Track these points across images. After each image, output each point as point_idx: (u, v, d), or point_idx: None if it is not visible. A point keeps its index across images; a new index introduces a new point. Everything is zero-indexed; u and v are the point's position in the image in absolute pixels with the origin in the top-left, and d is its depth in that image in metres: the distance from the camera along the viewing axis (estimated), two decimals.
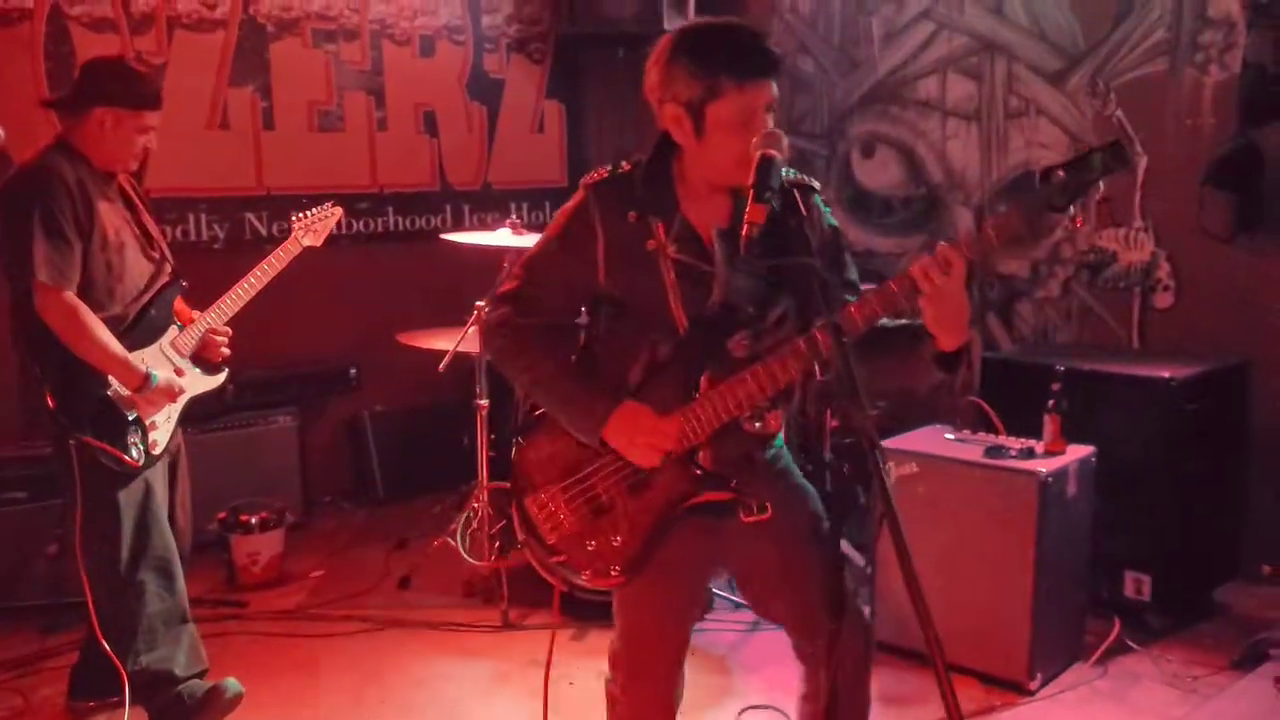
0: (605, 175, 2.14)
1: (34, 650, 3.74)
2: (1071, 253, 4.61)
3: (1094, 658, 3.58)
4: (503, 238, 4.20)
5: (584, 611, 3.93)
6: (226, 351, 3.33)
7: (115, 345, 2.94)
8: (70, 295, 2.87)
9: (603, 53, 5.94)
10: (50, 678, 3.55)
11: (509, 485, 2.26)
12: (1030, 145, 4.71)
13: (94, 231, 2.93)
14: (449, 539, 4.34)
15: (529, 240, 4.12)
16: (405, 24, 5.41)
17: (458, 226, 5.65)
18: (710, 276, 2.07)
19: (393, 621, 4.02)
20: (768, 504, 2.13)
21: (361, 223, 5.38)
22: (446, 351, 4.19)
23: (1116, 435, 3.67)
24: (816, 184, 2.18)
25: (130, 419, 3.01)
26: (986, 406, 3.77)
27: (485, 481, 4.27)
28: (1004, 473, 3.37)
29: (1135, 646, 3.65)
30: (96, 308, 2.94)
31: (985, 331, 4.87)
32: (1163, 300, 4.36)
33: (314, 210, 3.61)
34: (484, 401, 4.27)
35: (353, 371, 5.30)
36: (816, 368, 1.96)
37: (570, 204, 2.17)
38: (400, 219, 5.52)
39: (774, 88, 2.01)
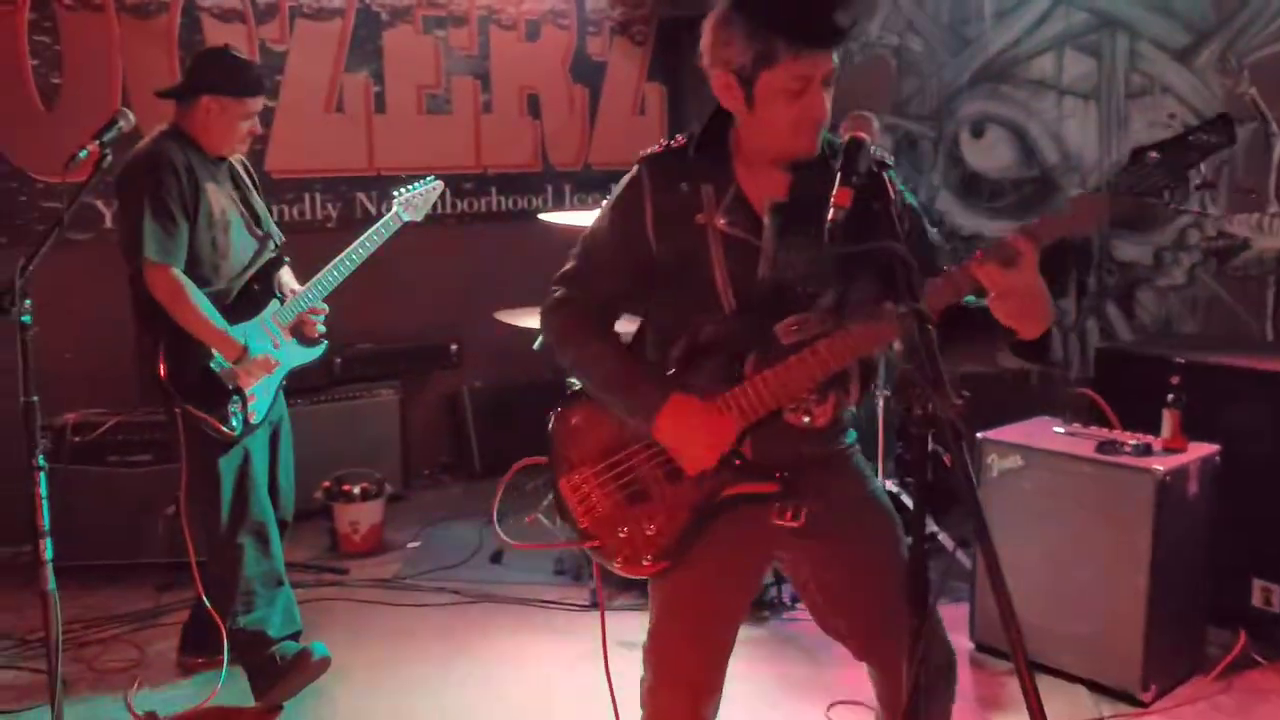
0: (660, 149, 2.07)
1: (150, 606, 3.97)
2: (1199, 239, 4.40)
3: (1216, 671, 3.36)
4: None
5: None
6: (323, 329, 3.45)
7: (216, 319, 3.09)
8: (175, 271, 3.03)
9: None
10: (164, 633, 3.75)
11: (548, 470, 2.15)
12: (1154, 125, 4.50)
13: (199, 211, 3.08)
14: (540, 516, 4.43)
15: None
16: (512, 9, 5.51)
17: (558, 206, 5.77)
18: (760, 252, 1.96)
19: (483, 596, 4.14)
20: (804, 512, 2.00)
21: (466, 202, 5.51)
22: (531, 329, 4.26)
23: (1243, 433, 3.43)
24: (890, 159, 2.01)
25: (230, 390, 3.15)
26: (1099, 399, 3.60)
27: None
28: (1118, 470, 3.20)
29: (1262, 661, 3.42)
30: (202, 283, 3.10)
31: (1103, 320, 4.71)
32: None
33: (416, 185, 3.66)
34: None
35: (454, 347, 5.44)
36: (875, 355, 1.88)
37: (625, 179, 2.10)
38: (503, 198, 5.64)
39: (835, 59, 1.87)
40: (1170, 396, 3.31)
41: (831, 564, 2.08)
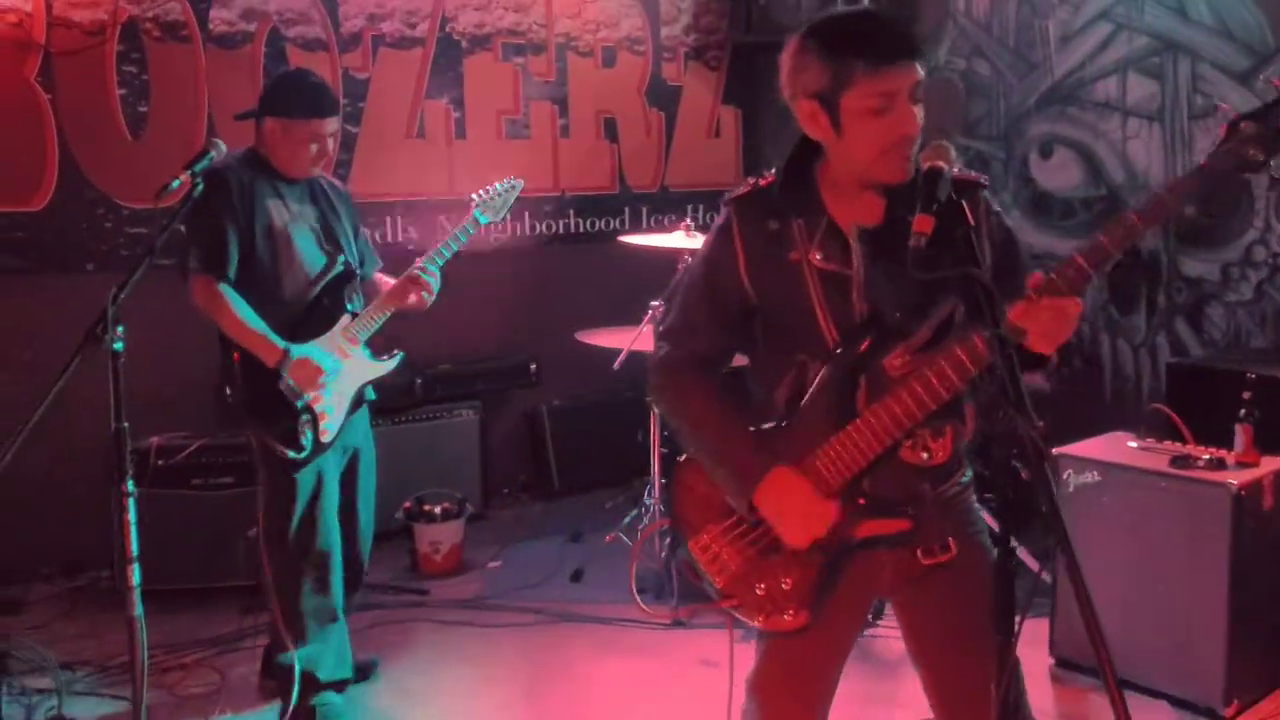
0: (747, 189, 2.03)
1: (233, 629, 3.92)
2: (1265, 255, 4.35)
3: None
4: (677, 239, 4.29)
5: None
6: (428, 296, 3.38)
7: (254, 323, 3.09)
8: (214, 280, 3.07)
9: (777, 59, 5.96)
10: (246, 656, 3.73)
11: (673, 532, 2.16)
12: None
13: (255, 223, 3.12)
14: (620, 534, 4.47)
15: (694, 241, 4.21)
16: (589, 37, 5.59)
17: (635, 227, 5.82)
18: (857, 283, 1.93)
19: (565, 615, 4.16)
20: (950, 541, 1.97)
21: (544, 224, 5.59)
22: (621, 349, 4.32)
23: None
24: (985, 179, 1.99)
25: (299, 407, 3.13)
26: (1173, 414, 3.58)
27: (657, 478, 4.36)
28: (1194, 484, 3.21)
29: None
30: (267, 295, 3.14)
31: (1173, 335, 4.66)
32: None
33: (493, 186, 3.57)
34: None
35: (533, 367, 5.49)
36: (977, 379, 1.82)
37: (715, 222, 2.06)
38: (580, 220, 5.71)
39: (918, 71, 1.85)
40: (1243, 411, 3.31)
41: (930, 612, 2.05)
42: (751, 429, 2.02)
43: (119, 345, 2.47)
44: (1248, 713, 3.23)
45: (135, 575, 2.48)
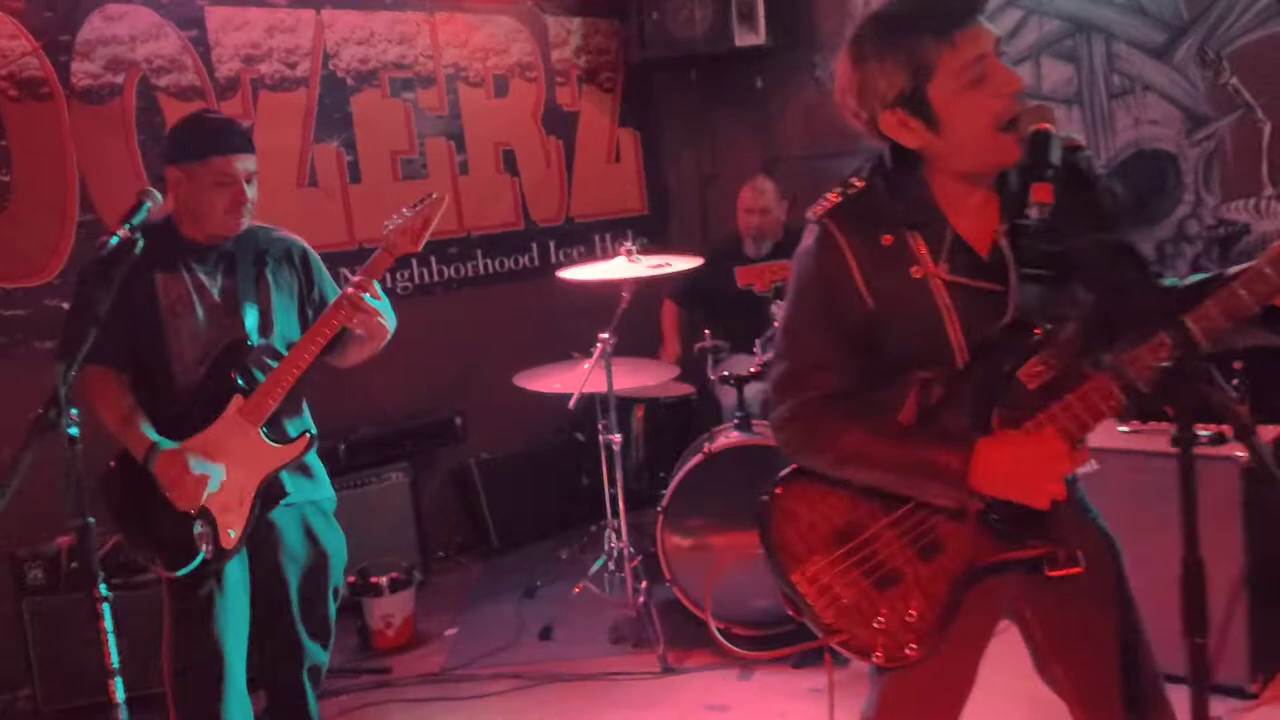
0: (837, 199, 1.83)
1: None
2: (1198, 229, 4.44)
3: None
4: (618, 268, 4.06)
5: (749, 649, 3.78)
6: (366, 313, 2.78)
7: (122, 416, 2.70)
8: (89, 368, 2.64)
9: (674, 76, 5.86)
10: None
11: (771, 564, 1.93)
12: (1139, 123, 4.54)
13: (132, 304, 2.68)
14: (589, 584, 4.20)
15: (643, 267, 4.00)
16: (478, 65, 5.34)
17: (544, 263, 5.58)
18: (991, 295, 1.76)
19: (545, 676, 3.86)
20: (1079, 553, 1.82)
21: (453, 268, 5.28)
22: (556, 391, 4.11)
23: None
24: (1082, 139, 1.82)
25: (195, 513, 2.70)
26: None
27: (625, 520, 4.11)
28: (1200, 461, 3.13)
29: None
30: (160, 386, 2.74)
31: None
32: None
33: (406, 210, 2.89)
34: (616, 436, 4.12)
35: (458, 420, 5.18)
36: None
37: (806, 243, 1.86)
38: (489, 261, 5.42)
39: (989, 28, 1.70)
40: (1235, 382, 3.28)
41: (1066, 605, 1.90)
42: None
43: (74, 430, 2.13)
44: (1271, 686, 3.20)
45: (119, 690, 2.23)
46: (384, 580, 4.25)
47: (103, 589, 2.19)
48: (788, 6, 5.52)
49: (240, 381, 2.77)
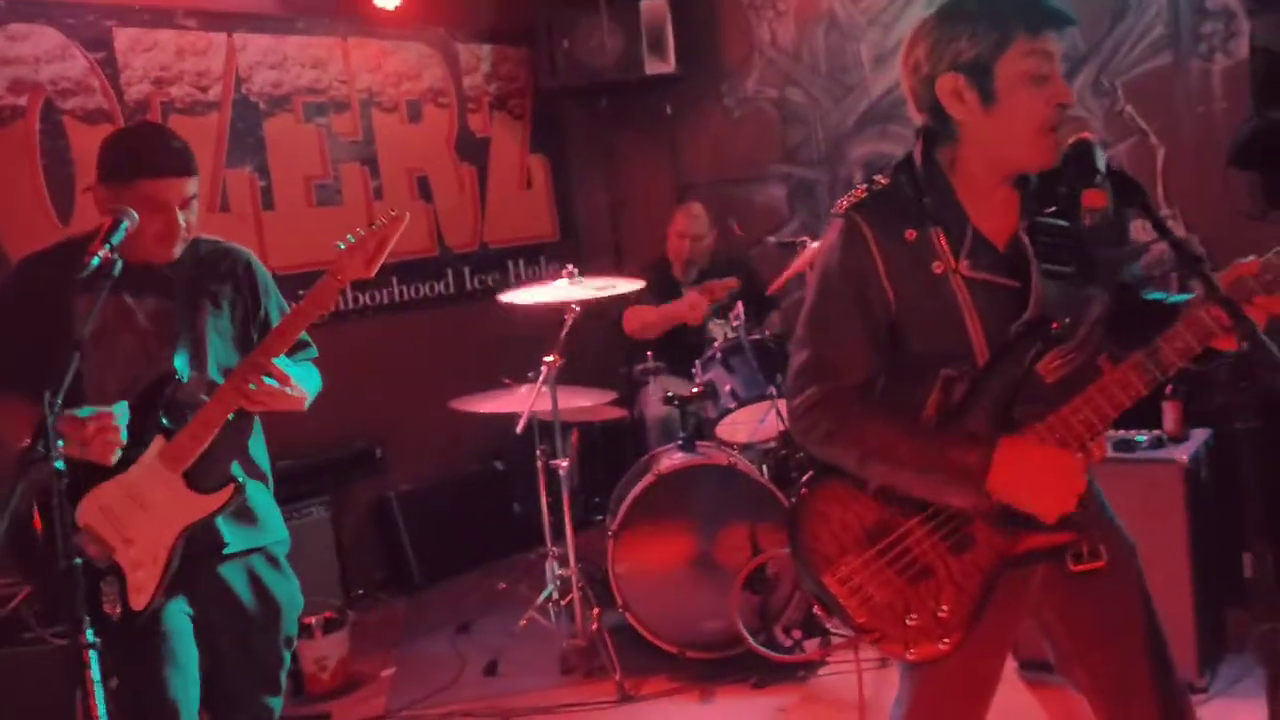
0: (863, 194, 1.87)
1: None
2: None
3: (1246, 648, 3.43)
4: (560, 290, 4.02)
5: (705, 672, 3.78)
6: (264, 389, 2.50)
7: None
8: None
9: (583, 103, 5.88)
10: None
11: (796, 566, 1.94)
12: None
13: (53, 327, 2.44)
14: (536, 615, 4.12)
15: (588, 289, 3.98)
16: (391, 90, 5.24)
17: (459, 289, 5.51)
18: (1010, 291, 1.81)
19: (496, 712, 3.76)
20: (1101, 548, 1.85)
21: (368, 296, 5.15)
22: (497, 414, 4.07)
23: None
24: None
25: (102, 569, 2.42)
26: None
27: (572, 546, 4.05)
28: (1144, 465, 3.30)
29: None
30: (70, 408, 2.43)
31: None
32: None
33: (361, 230, 2.62)
34: (562, 461, 4.07)
35: (377, 452, 5.03)
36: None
37: (830, 237, 1.89)
38: (404, 287, 5.31)
39: (1061, 48, 1.80)
40: (1169, 389, 3.44)
41: (1089, 602, 1.94)
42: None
43: (61, 464, 1.96)
44: (1215, 681, 3.33)
45: None
46: (316, 621, 4.08)
47: (90, 634, 2.02)
48: (696, 36, 5.62)
49: (165, 420, 2.49)
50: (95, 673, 2.04)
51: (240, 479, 2.56)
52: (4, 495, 1.91)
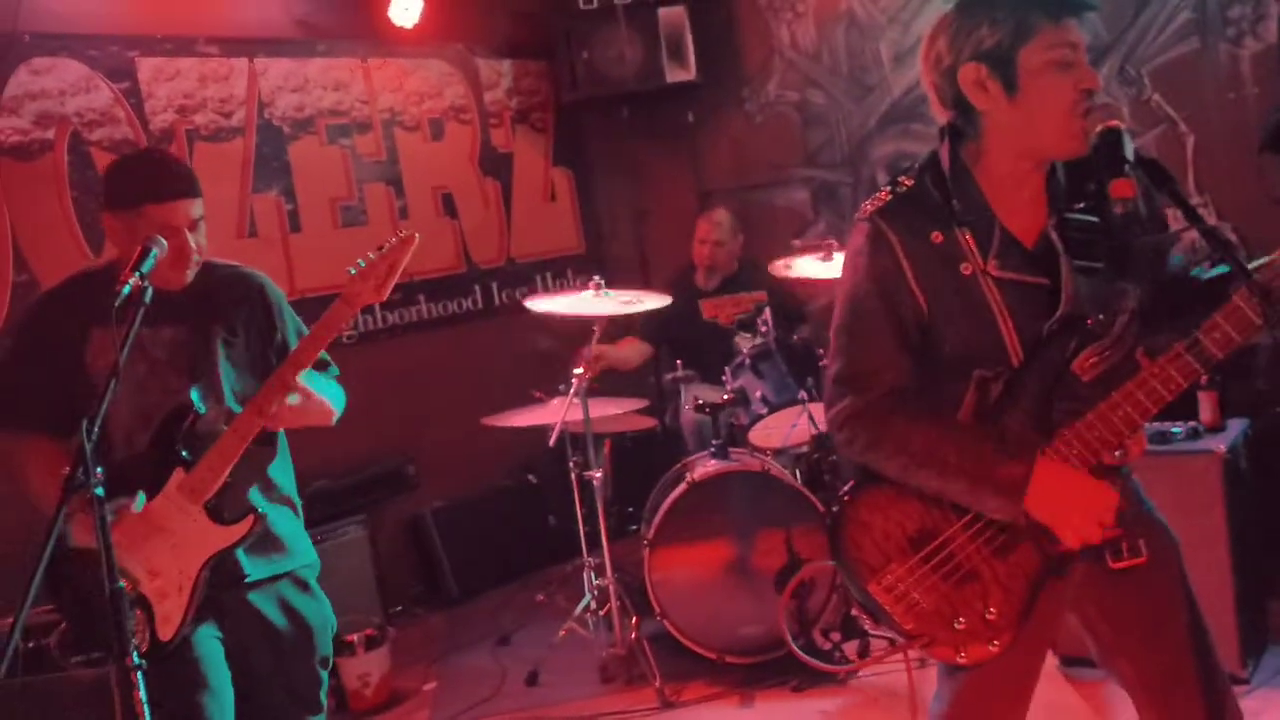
0: (887, 198, 1.85)
1: None
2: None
3: None
4: (586, 301, 4.03)
5: (744, 676, 3.77)
6: (287, 408, 2.49)
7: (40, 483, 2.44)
8: (17, 438, 2.47)
9: (605, 114, 5.89)
10: None
11: (841, 577, 1.95)
12: None
13: (62, 363, 2.47)
14: (575, 625, 4.12)
15: (613, 302, 3.99)
16: (414, 109, 5.28)
17: (487, 305, 5.53)
18: (1041, 289, 1.78)
19: None
20: (1140, 543, 1.84)
21: (396, 314, 5.17)
22: (530, 427, 4.06)
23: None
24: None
25: (131, 601, 2.28)
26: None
27: (609, 557, 4.05)
28: (1181, 457, 3.27)
29: None
30: (100, 452, 2.31)
31: None
32: None
33: (372, 253, 2.58)
34: (596, 472, 4.07)
35: (410, 469, 5.05)
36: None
37: (856, 242, 1.87)
38: (432, 305, 5.33)
39: (1083, 33, 1.77)
40: (1204, 379, 3.38)
41: (1131, 597, 1.92)
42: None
43: (101, 490, 1.98)
44: (1259, 673, 3.30)
45: None
46: (357, 638, 4.10)
47: (135, 657, 2.03)
48: (715, 42, 5.62)
49: (185, 453, 2.46)
50: (144, 694, 2.04)
51: (260, 509, 2.53)
52: (53, 520, 1.91)
